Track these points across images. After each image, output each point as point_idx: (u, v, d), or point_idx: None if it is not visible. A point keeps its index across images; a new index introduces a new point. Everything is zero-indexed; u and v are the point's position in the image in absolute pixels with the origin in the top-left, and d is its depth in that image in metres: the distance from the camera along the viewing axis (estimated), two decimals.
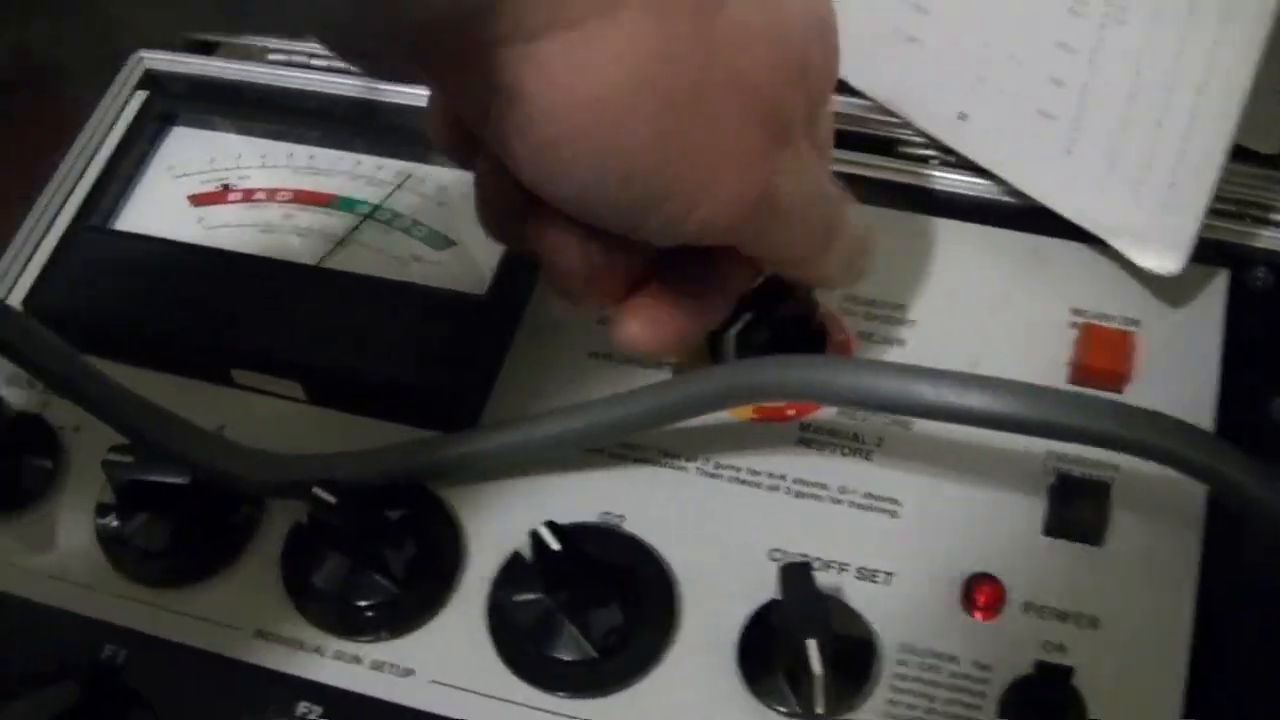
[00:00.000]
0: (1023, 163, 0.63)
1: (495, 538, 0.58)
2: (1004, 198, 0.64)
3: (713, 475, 0.59)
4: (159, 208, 0.68)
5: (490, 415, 0.61)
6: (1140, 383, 0.59)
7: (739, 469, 0.59)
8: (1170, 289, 0.61)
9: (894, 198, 0.65)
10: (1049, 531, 0.56)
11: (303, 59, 0.74)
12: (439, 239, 0.65)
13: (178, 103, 0.72)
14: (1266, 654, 0.54)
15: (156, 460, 0.58)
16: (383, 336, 0.61)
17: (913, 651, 0.55)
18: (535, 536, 0.54)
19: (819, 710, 0.53)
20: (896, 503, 0.58)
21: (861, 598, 0.56)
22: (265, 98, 0.73)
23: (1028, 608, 0.55)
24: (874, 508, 0.58)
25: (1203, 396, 0.59)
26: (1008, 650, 0.54)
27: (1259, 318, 0.61)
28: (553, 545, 0.54)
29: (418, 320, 0.61)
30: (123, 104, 0.73)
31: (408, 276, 0.63)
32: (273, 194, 0.67)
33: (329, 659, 0.57)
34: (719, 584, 0.56)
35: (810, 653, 0.51)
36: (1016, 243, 0.63)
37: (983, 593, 0.55)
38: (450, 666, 0.56)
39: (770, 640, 0.54)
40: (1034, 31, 0.59)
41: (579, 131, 0.45)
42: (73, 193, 0.70)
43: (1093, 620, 0.55)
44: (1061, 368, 0.60)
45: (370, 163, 0.68)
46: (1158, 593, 0.55)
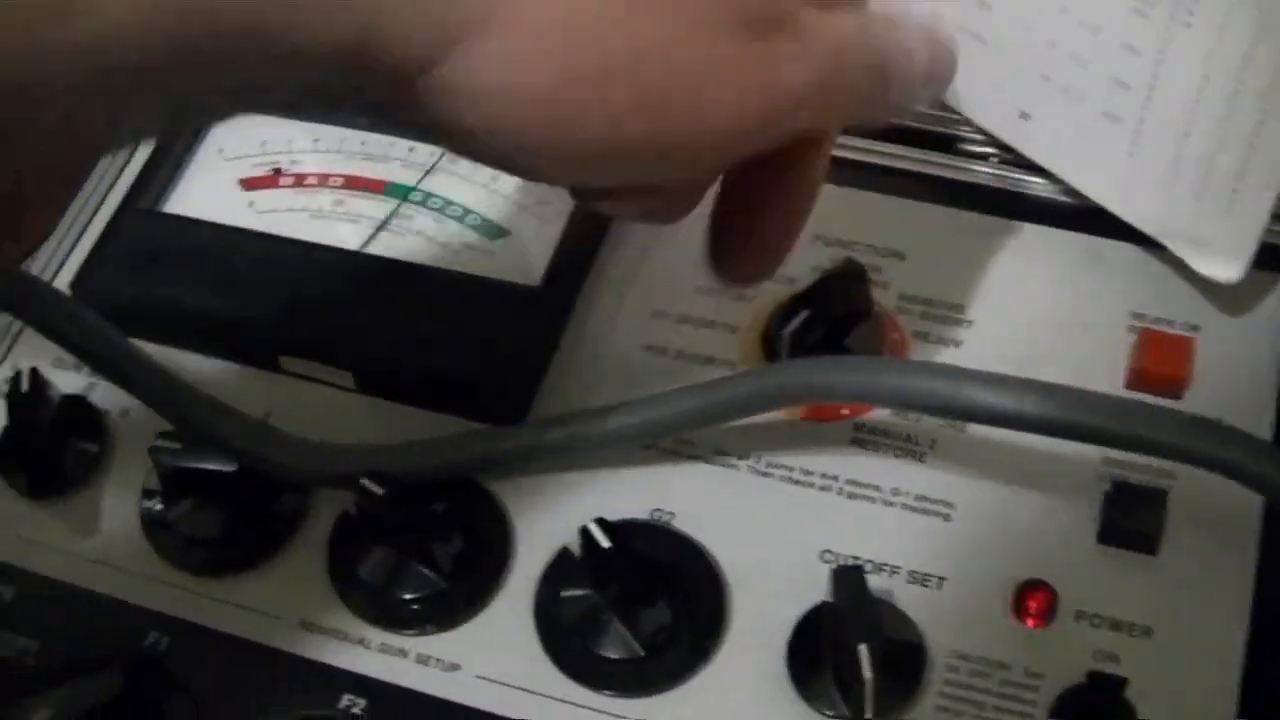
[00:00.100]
0: (1084, 164, 0.62)
1: (544, 533, 0.58)
2: (1063, 198, 0.64)
3: (764, 474, 0.58)
4: (209, 191, 0.68)
5: (540, 409, 0.61)
6: (1198, 389, 0.59)
7: (791, 468, 0.58)
8: (1230, 295, 0.60)
9: (953, 196, 0.65)
10: (1103, 539, 0.56)
11: None
12: (492, 228, 0.64)
13: None
14: None
15: (203, 448, 0.58)
16: (433, 326, 0.60)
17: (963, 657, 0.54)
18: (585, 533, 0.54)
19: (868, 715, 0.52)
20: (949, 506, 0.57)
21: (912, 601, 0.55)
22: None
23: (1080, 616, 0.54)
24: (927, 511, 0.57)
25: (1261, 404, 0.58)
26: (1059, 658, 0.53)
27: None
28: (603, 542, 0.53)
29: (469, 310, 0.61)
30: None
31: (459, 266, 0.63)
32: (324, 179, 0.67)
33: (374, 651, 0.56)
34: (769, 585, 0.56)
35: (861, 658, 0.50)
36: (1075, 244, 0.63)
37: (1035, 599, 0.54)
38: (496, 662, 0.56)
39: (820, 643, 0.54)
40: (1099, 32, 0.58)
41: (541, 121, 0.43)
42: (121, 175, 0.70)
43: (1146, 630, 0.54)
44: (1119, 372, 0.59)
45: (424, 149, 0.67)
46: (1212, 604, 0.54)
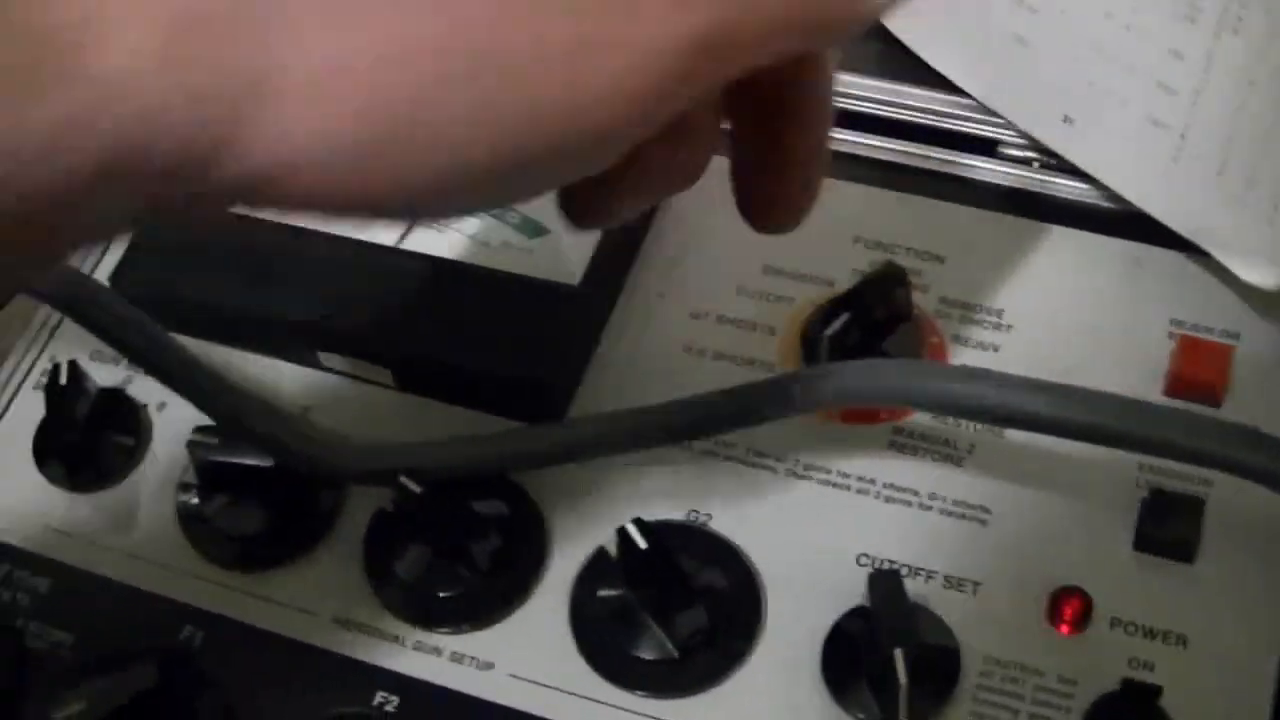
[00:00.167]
0: (1127, 169, 0.62)
1: (580, 532, 0.58)
2: (1105, 203, 0.63)
3: (801, 476, 0.58)
4: None
5: (578, 408, 0.61)
6: (1237, 397, 0.58)
7: (828, 471, 0.58)
8: (1270, 302, 0.60)
9: (994, 199, 0.64)
10: (1139, 546, 0.55)
11: None
12: (532, 226, 0.64)
13: None
14: None
15: (240, 443, 0.58)
16: (472, 325, 0.60)
17: (997, 663, 0.54)
18: (623, 534, 0.53)
19: None
20: (986, 511, 0.57)
21: (948, 606, 0.55)
22: None
23: (1115, 623, 0.54)
24: (964, 515, 0.57)
25: None
26: (1094, 666, 0.53)
27: None
28: (640, 544, 0.53)
29: (508, 309, 0.61)
30: None
31: (499, 264, 0.63)
32: None
33: (408, 649, 0.57)
34: (805, 587, 0.56)
35: (897, 662, 0.50)
36: (1116, 250, 0.62)
37: (1070, 606, 0.54)
38: (530, 661, 0.56)
39: (856, 647, 0.54)
40: (1145, 37, 0.58)
41: (359, 172, 0.37)
42: None
43: (1181, 639, 0.54)
44: (1158, 379, 0.59)
45: None
46: (1248, 614, 0.54)
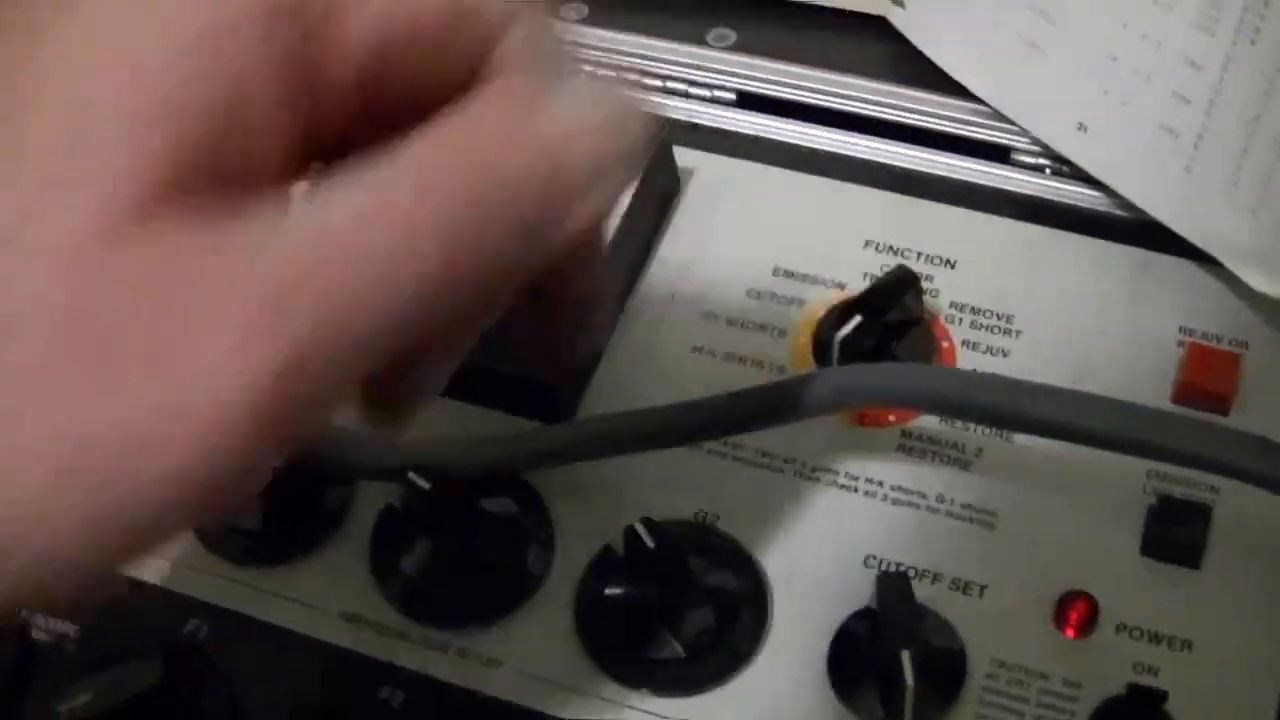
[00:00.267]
0: (1140, 177, 0.62)
1: (587, 531, 0.58)
2: (1116, 210, 0.64)
3: (810, 478, 0.58)
4: None
5: (588, 408, 0.61)
6: (1245, 405, 0.58)
7: (837, 473, 0.58)
8: (1279, 312, 0.60)
9: (1006, 205, 0.65)
10: (1146, 552, 0.56)
11: None
12: None
13: None
14: None
15: None
16: None
17: (1003, 666, 0.54)
18: (631, 532, 0.53)
19: None
20: (993, 514, 0.57)
21: (953, 609, 0.55)
22: None
23: (1121, 628, 0.54)
24: (971, 519, 0.57)
25: None
26: (1099, 670, 0.53)
27: None
28: (648, 542, 0.53)
29: (518, 308, 0.60)
30: None
31: None
32: None
33: (413, 645, 0.56)
34: (812, 588, 0.56)
35: (904, 664, 0.50)
36: (1126, 257, 0.62)
37: (1076, 610, 0.54)
38: (536, 659, 0.56)
39: (862, 648, 0.54)
40: (1161, 46, 0.58)
41: None
42: None
43: (1187, 644, 0.54)
44: (1166, 385, 0.59)
45: None
46: (1254, 620, 0.54)
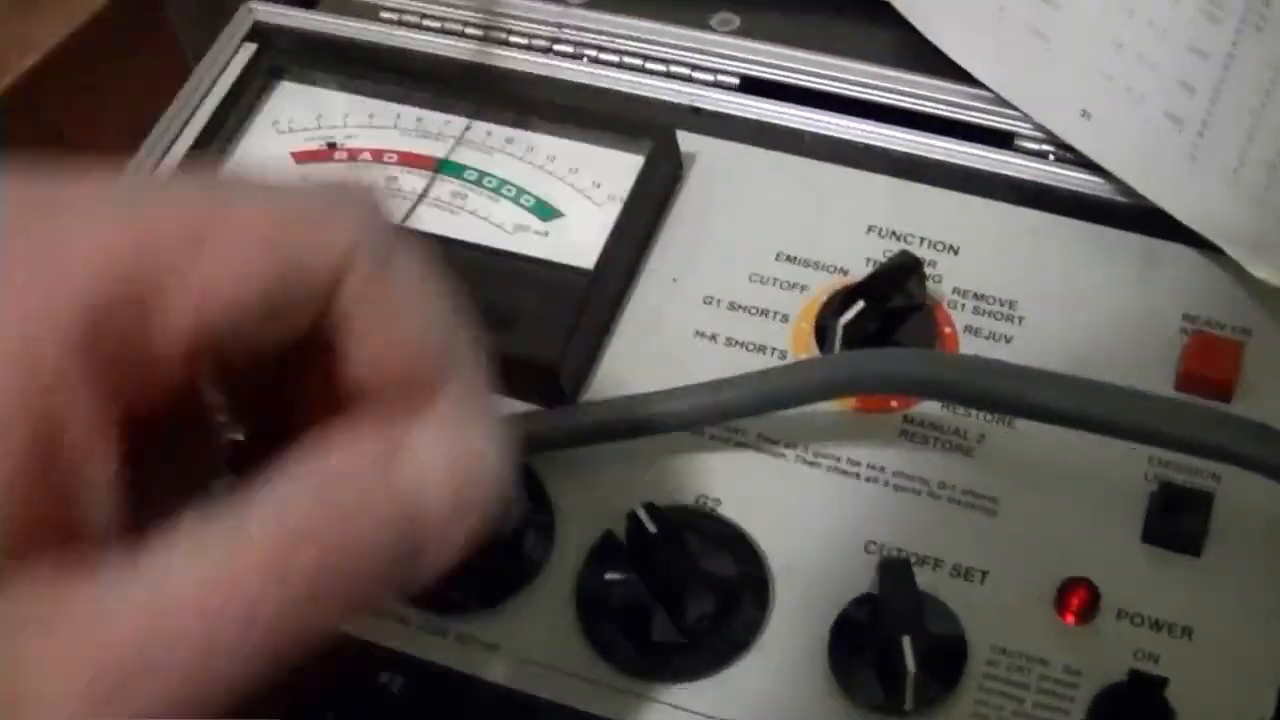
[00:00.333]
0: (1144, 165, 0.62)
1: (588, 515, 0.58)
2: (1119, 198, 0.64)
3: (812, 464, 0.58)
4: (261, 164, 0.68)
5: (591, 392, 0.61)
6: (1248, 393, 0.58)
7: (838, 459, 0.58)
8: None
9: (1009, 192, 0.65)
10: (1147, 539, 0.56)
11: (414, 19, 0.74)
12: (546, 209, 0.64)
13: (285, 57, 0.72)
14: None
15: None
16: (485, 306, 0.60)
17: (1003, 652, 0.54)
18: (632, 518, 0.54)
19: (908, 707, 0.52)
20: (995, 501, 0.57)
21: (954, 595, 0.55)
22: (375, 56, 0.73)
23: (1122, 615, 0.54)
24: (972, 505, 0.57)
25: None
26: (1099, 656, 0.53)
27: None
28: (650, 528, 0.53)
29: (521, 292, 0.61)
30: (230, 56, 0.72)
31: (513, 246, 0.63)
32: (378, 155, 0.67)
33: (413, 629, 0.56)
34: (813, 574, 0.56)
35: (905, 650, 0.50)
36: (1129, 244, 0.62)
37: (1077, 596, 0.54)
38: (536, 644, 0.56)
39: (863, 634, 0.54)
40: (1166, 34, 0.58)
41: None
42: (174, 144, 0.70)
43: (1187, 631, 0.54)
44: (1169, 373, 0.59)
45: (480, 127, 0.67)
46: (1255, 608, 0.54)
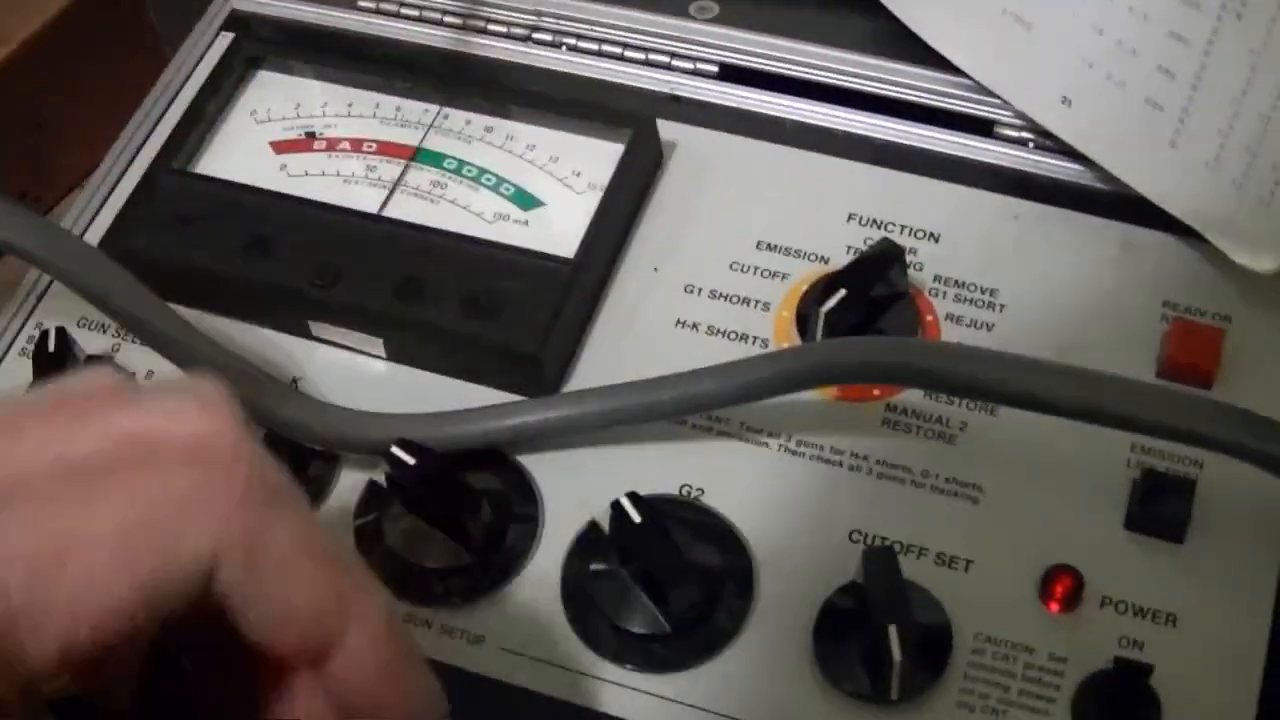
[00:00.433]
0: (1124, 152, 0.62)
1: (572, 505, 0.58)
2: (1099, 185, 0.64)
3: (795, 453, 0.58)
4: (240, 153, 0.67)
5: (573, 381, 0.61)
6: (1228, 379, 0.59)
7: (821, 447, 0.58)
8: (1264, 287, 0.60)
9: (990, 179, 0.65)
10: (1130, 526, 0.56)
11: (393, 7, 0.73)
12: (526, 199, 0.64)
13: (263, 47, 0.71)
14: None
15: None
16: (466, 296, 0.60)
17: (989, 640, 0.54)
18: (617, 507, 0.53)
19: (894, 696, 0.52)
20: (978, 489, 0.57)
21: (939, 583, 0.55)
22: (353, 45, 0.73)
23: (1106, 602, 0.54)
24: (956, 493, 0.57)
25: None
26: (1084, 644, 0.54)
27: None
28: (634, 517, 0.53)
29: (502, 281, 0.60)
30: (207, 45, 0.72)
31: (493, 235, 0.62)
32: (357, 144, 0.66)
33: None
34: (797, 563, 0.56)
35: (891, 638, 0.50)
36: (1110, 232, 0.63)
37: (1061, 584, 0.54)
38: (521, 635, 0.56)
39: (847, 623, 0.54)
40: (1147, 20, 0.58)
41: None
42: (152, 134, 0.70)
43: (1171, 618, 0.54)
44: (1150, 360, 0.59)
45: (459, 116, 0.67)
46: (1238, 593, 0.54)
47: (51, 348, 0.61)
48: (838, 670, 0.53)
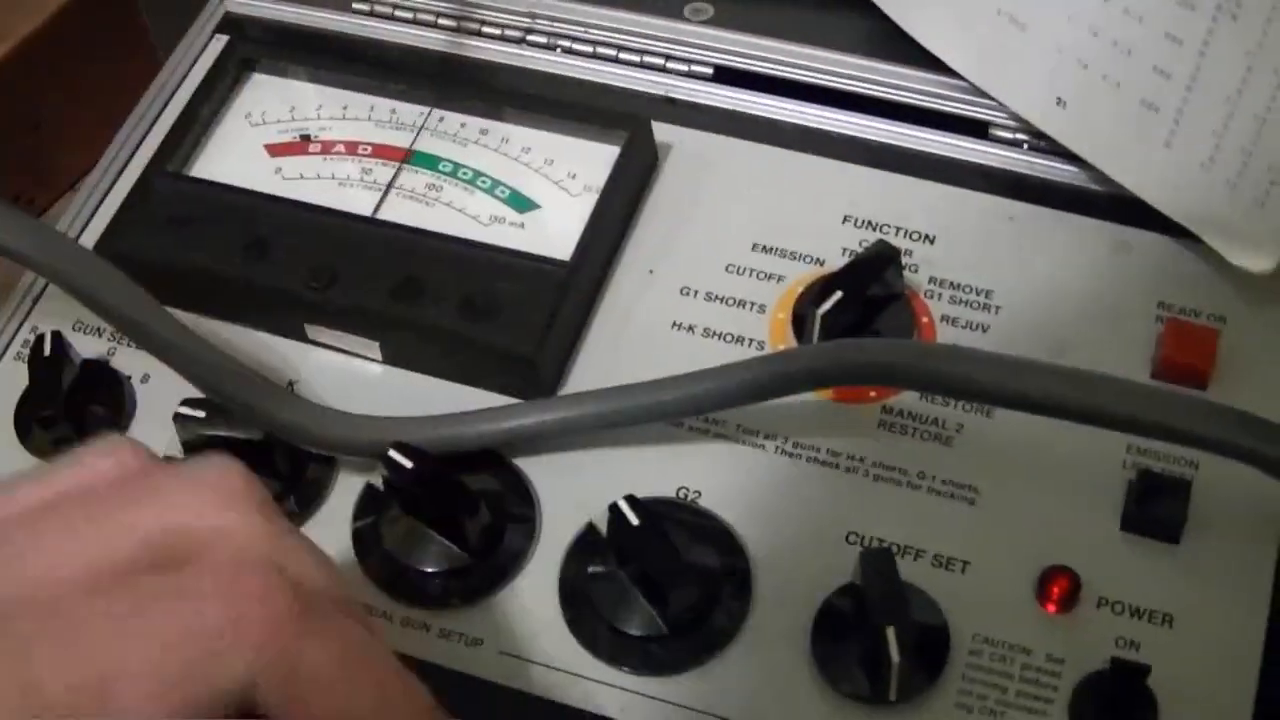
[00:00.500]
0: (1119, 152, 0.62)
1: (569, 508, 0.58)
2: (1094, 186, 0.64)
3: (791, 455, 0.58)
4: (235, 156, 0.67)
5: (569, 384, 0.61)
6: (1223, 380, 0.59)
7: (818, 449, 0.58)
8: (1256, 287, 0.60)
9: (984, 181, 0.65)
10: (1126, 526, 0.56)
11: (386, 9, 0.73)
12: (522, 201, 0.64)
13: (258, 49, 0.71)
14: None
15: (229, 415, 0.58)
16: (462, 299, 0.60)
17: (986, 641, 0.54)
18: (615, 510, 0.54)
19: (892, 697, 0.52)
20: (975, 490, 0.57)
21: (936, 585, 0.55)
22: (347, 47, 0.73)
23: (1102, 603, 0.54)
24: (952, 494, 0.57)
25: None
26: (1081, 645, 0.54)
27: None
28: (632, 520, 0.53)
29: (498, 284, 0.60)
30: (202, 47, 0.72)
31: (489, 238, 0.62)
32: (352, 147, 0.66)
33: (395, 625, 0.56)
34: (794, 565, 0.56)
35: (889, 640, 0.51)
36: (1105, 233, 0.63)
37: (1058, 585, 0.54)
38: (519, 638, 0.56)
39: (845, 624, 0.54)
40: (1142, 20, 0.58)
41: None
42: (146, 137, 0.69)
43: (1167, 618, 0.54)
44: (1145, 361, 0.59)
45: (454, 119, 0.67)
46: (1233, 594, 0.54)
47: (47, 351, 0.61)
48: (836, 672, 0.53)
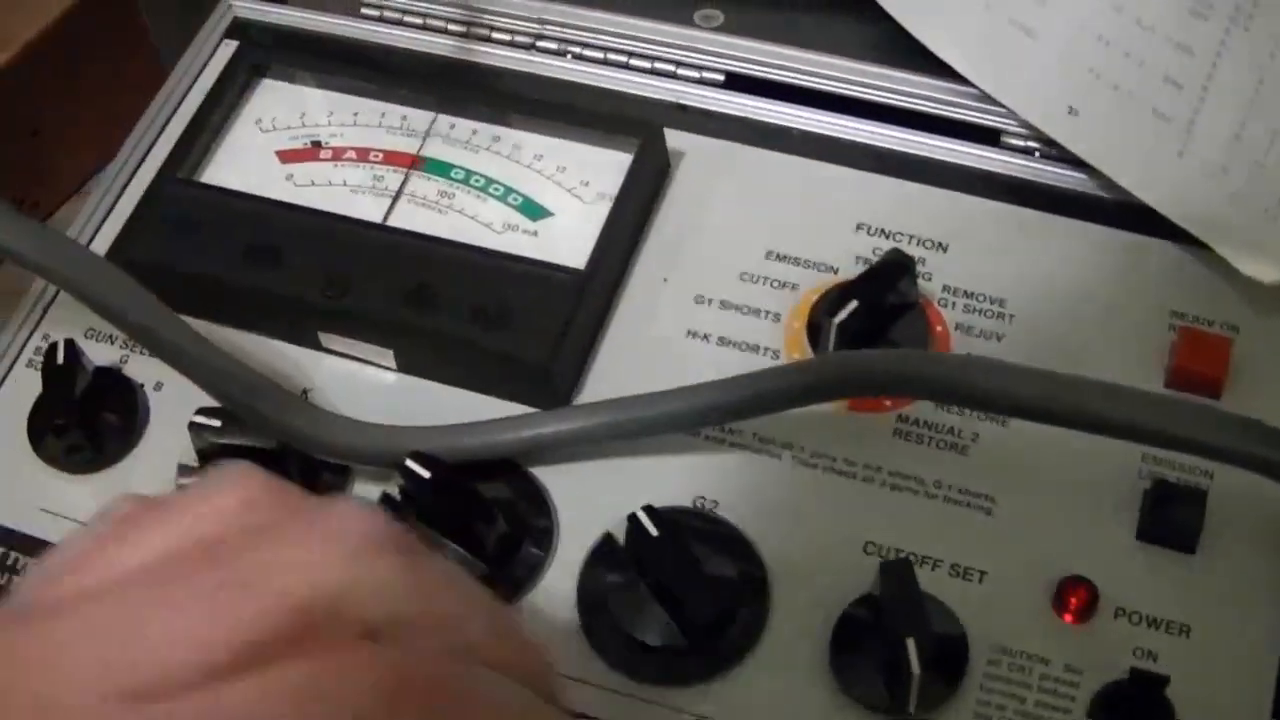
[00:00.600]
0: (1131, 161, 0.62)
1: (586, 518, 0.58)
2: (1106, 194, 0.64)
3: (808, 464, 0.58)
4: (246, 163, 0.67)
5: (583, 393, 0.61)
6: (1236, 389, 0.59)
7: (834, 459, 0.58)
8: (1269, 296, 0.60)
9: (997, 189, 0.65)
10: (1142, 536, 0.56)
11: (396, 15, 0.73)
12: (535, 209, 0.64)
13: (267, 55, 0.71)
14: None
15: (243, 424, 0.57)
16: (476, 307, 0.60)
17: (1004, 652, 0.54)
18: (634, 520, 0.53)
19: (911, 709, 0.52)
20: (991, 500, 0.57)
21: (954, 595, 0.55)
22: (356, 53, 0.72)
23: (1119, 613, 0.55)
24: (969, 504, 0.57)
25: None
26: (1099, 655, 0.54)
27: None
28: (652, 531, 0.53)
29: (512, 292, 0.60)
30: (210, 53, 0.72)
31: (503, 246, 0.62)
32: (363, 154, 0.66)
33: None
34: (812, 575, 0.56)
35: (909, 652, 0.50)
36: (1117, 241, 0.63)
37: (1076, 595, 0.55)
38: None
39: (864, 635, 0.54)
40: (1154, 30, 0.58)
41: None
42: (156, 143, 0.69)
43: (1184, 628, 0.54)
44: (1158, 370, 0.59)
45: (465, 126, 0.67)
46: (1250, 603, 0.55)
47: (60, 359, 0.60)
48: (855, 682, 0.54)
